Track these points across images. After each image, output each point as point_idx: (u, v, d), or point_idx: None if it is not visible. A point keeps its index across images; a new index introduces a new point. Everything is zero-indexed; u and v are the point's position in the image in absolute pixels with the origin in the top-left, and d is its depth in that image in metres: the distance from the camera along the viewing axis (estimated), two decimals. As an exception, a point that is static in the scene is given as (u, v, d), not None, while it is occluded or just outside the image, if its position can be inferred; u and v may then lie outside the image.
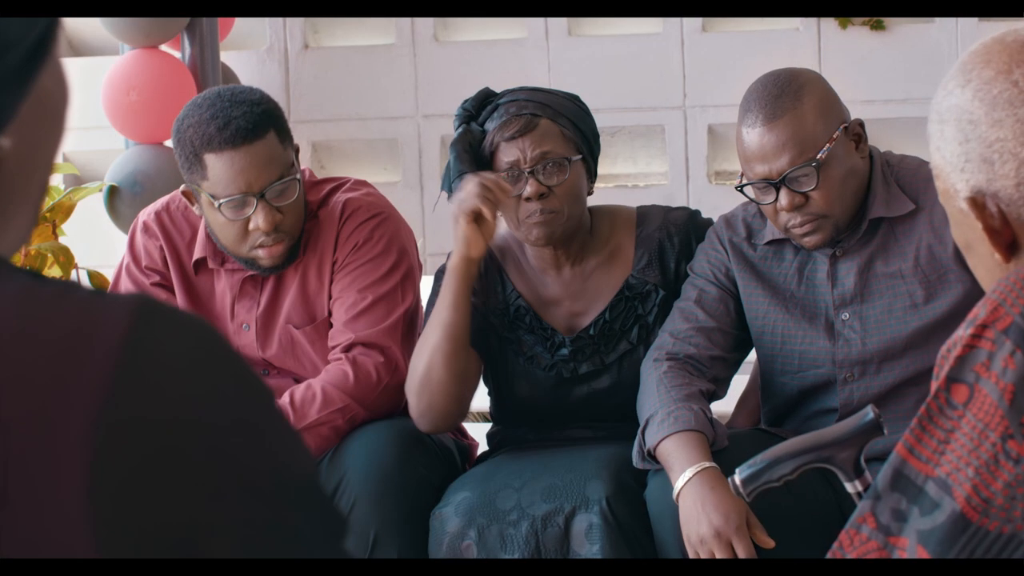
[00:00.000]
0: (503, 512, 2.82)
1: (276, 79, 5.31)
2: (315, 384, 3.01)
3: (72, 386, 0.95)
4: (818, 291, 2.90)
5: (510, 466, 2.95)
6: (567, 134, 2.97)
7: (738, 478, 2.37)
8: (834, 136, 2.79)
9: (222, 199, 2.96)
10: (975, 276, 1.57)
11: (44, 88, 1.04)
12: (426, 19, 5.23)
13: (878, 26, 5.02)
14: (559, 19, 5.17)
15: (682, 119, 5.16)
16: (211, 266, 3.14)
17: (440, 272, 3.09)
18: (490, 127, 2.97)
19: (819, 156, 2.76)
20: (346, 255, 3.08)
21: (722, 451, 2.75)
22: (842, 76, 4.49)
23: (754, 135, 2.78)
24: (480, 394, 3.11)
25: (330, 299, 3.10)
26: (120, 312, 0.97)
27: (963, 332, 1.43)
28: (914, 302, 2.84)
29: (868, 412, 2.28)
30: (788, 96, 2.77)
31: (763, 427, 3.03)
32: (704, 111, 5.14)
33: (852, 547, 1.45)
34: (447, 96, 5.08)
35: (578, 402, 3.06)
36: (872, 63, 5.00)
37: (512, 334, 3.07)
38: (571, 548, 2.78)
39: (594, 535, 2.77)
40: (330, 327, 3.10)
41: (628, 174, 5.38)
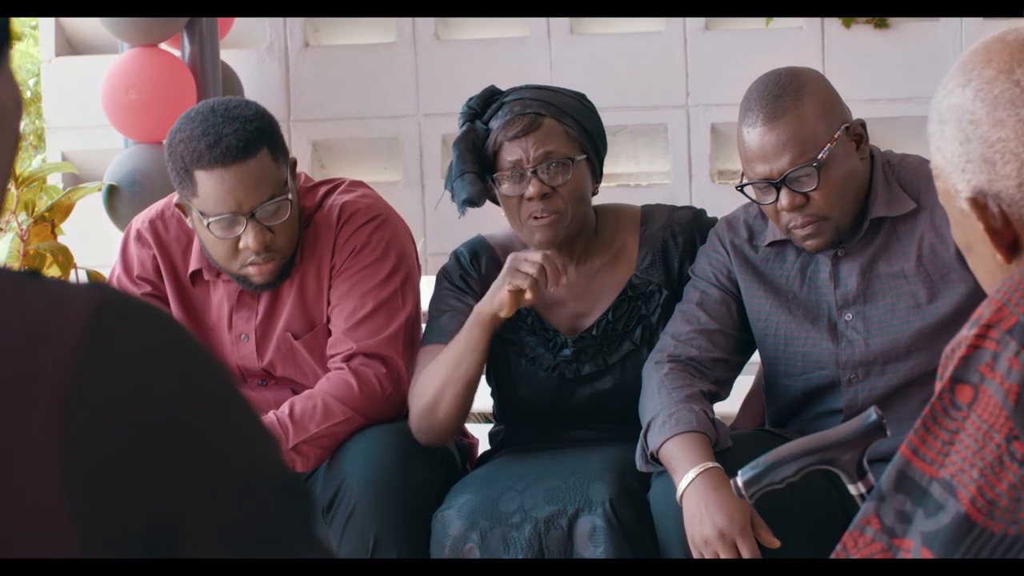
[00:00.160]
0: (506, 515, 2.81)
1: (276, 78, 5.30)
2: (316, 395, 2.98)
3: (37, 374, 0.95)
4: (820, 292, 2.90)
5: (513, 468, 2.94)
6: (571, 134, 2.95)
7: (740, 480, 2.37)
8: (835, 136, 2.78)
9: (211, 217, 2.91)
10: (976, 277, 1.56)
11: None
12: (427, 17, 5.22)
13: (882, 24, 5.01)
14: (561, 17, 5.15)
15: (685, 118, 5.15)
16: (207, 277, 3.10)
17: (440, 276, 3.08)
18: (494, 125, 2.96)
19: (820, 156, 2.76)
20: (344, 260, 3.04)
21: (726, 452, 2.74)
22: (846, 75, 4.47)
23: (755, 135, 2.77)
24: (482, 394, 3.10)
25: (328, 305, 3.06)
26: (83, 301, 0.98)
27: (967, 332, 1.43)
28: (917, 302, 2.84)
29: (871, 414, 2.28)
30: (789, 96, 2.76)
31: (767, 428, 3.02)
32: (707, 110, 5.13)
33: (856, 549, 1.44)
34: (448, 95, 5.08)
35: (581, 403, 3.05)
36: (876, 61, 4.99)
37: (514, 335, 3.06)
38: (575, 550, 2.78)
39: (598, 537, 2.76)
40: (329, 334, 3.06)
41: (630, 173, 5.37)
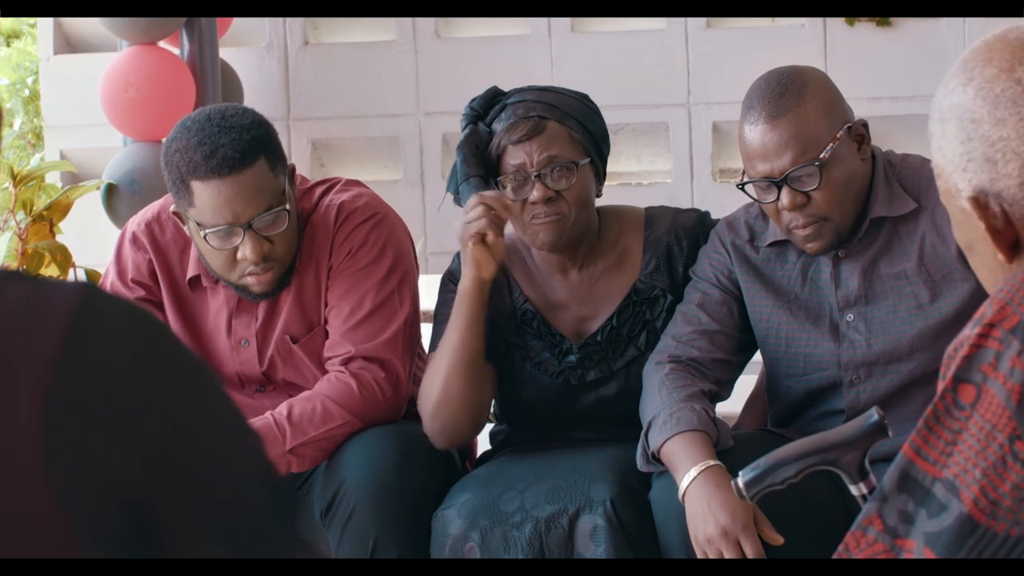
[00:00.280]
0: (506, 514, 2.81)
1: (275, 76, 5.29)
2: (315, 398, 2.96)
3: (18, 373, 0.98)
4: (822, 293, 2.89)
5: (513, 468, 2.93)
6: (575, 137, 2.94)
7: (741, 481, 2.35)
8: (837, 136, 2.78)
9: (208, 229, 2.89)
10: (977, 277, 1.56)
11: None
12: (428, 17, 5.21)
13: (884, 22, 4.99)
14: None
15: (686, 116, 5.14)
16: (205, 284, 3.08)
17: (446, 279, 3.07)
18: (497, 128, 2.95)
19: (822, 156, 2.76)
20: (341, 260, 3.02)
21: (728, 451, 2.74)
22: (848, 73, 4.46)
23: (756, 133, 2.77)
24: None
25: (326, 306, 3.04)
26: (67, 294, 1.01)
27: (970, 332, 1.43)
28: (919, 302, 2.83)
29: (872, 414, 2.27)
30: (792, 94, 2.76)
31: (769, 428, 3.01)
32: (708, 108, 5.12)
33: (858, 549, 1.44)
34: (449, 93, 5.07)
35: (585, 408, 3.05)
36: (879, 60, 4.98)
37: (519, 339, 3.06)
38: (575, 550, 2.77)
39: (599, 537, 2.75)
40: (326, 335, 3.04)
41: (631, 172, 5.35)
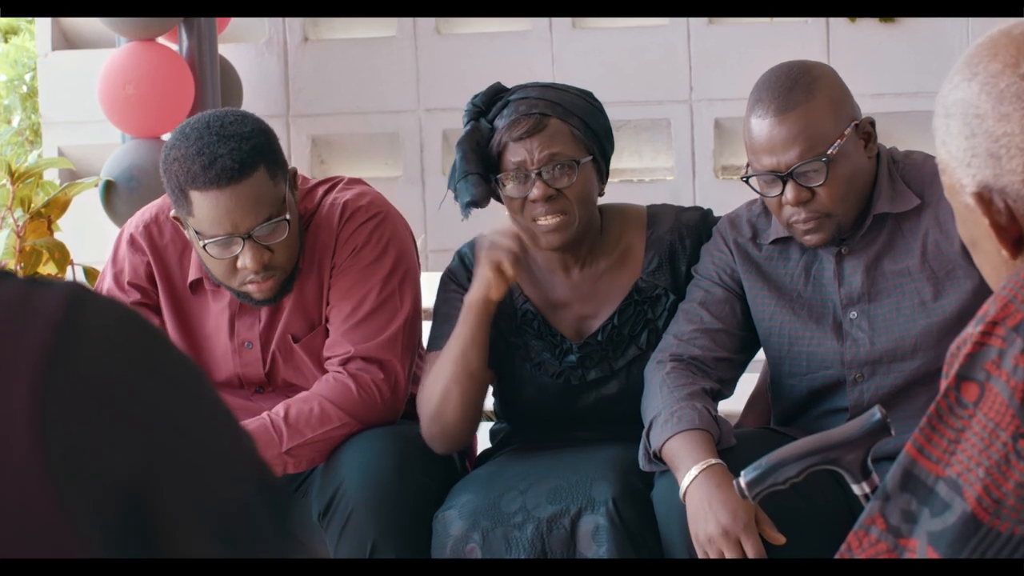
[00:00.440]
0: (508, 515, 2.79)
1: (275, 72, 5.28)
2: (312, 399, 2.94)
3: (11, 360, 0.98)
4: (825, 290, 2.89)
5: (514, 468, 2.92)
6: (577, 135, 2.92)
7: (743, 481, 2.34)
8: (845, 133, 2.77)
9: (207, 239, 2.86)
10: (981, 273, 1.55)
11: None
12: (428, 15, 5.20)
13: (887, 19, 4.98)
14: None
15: (688, 113, 5.13)
16: (208, 287, 3.05)
17: (446, 278, 3.06)
18: (499, 124, 2.93)
19: (829, 152, 2.75)
20: (344, 259, 3.00)
21: (730, 450, 2.73)
22: (851, 69, 4.42)
23: (764, 126, 2.76)
24: (484, 394, 3.07)
25: (327, 305, 3.03)
26: (57, 294, 1.01)
27: (973, 329, 1.42)
28: (922, 300, 2.83)
29: (875, 413, 2.26)
30: (801, 89, 2.75)
31: (772, 426, 3.00)
32: (711, 104, 5.12)
33: (861, 549, 1.43)
34: (449, 89, 5.06)
35: (586, 408, 3.03)
36: (882, 56, 4.97)
37: (519, 339, 3.04)
38: (577, 550, 2.76)
39: (601, 537, 2.74)
40: (326, 334, 3.03)
41: (633, 169, 5.35)
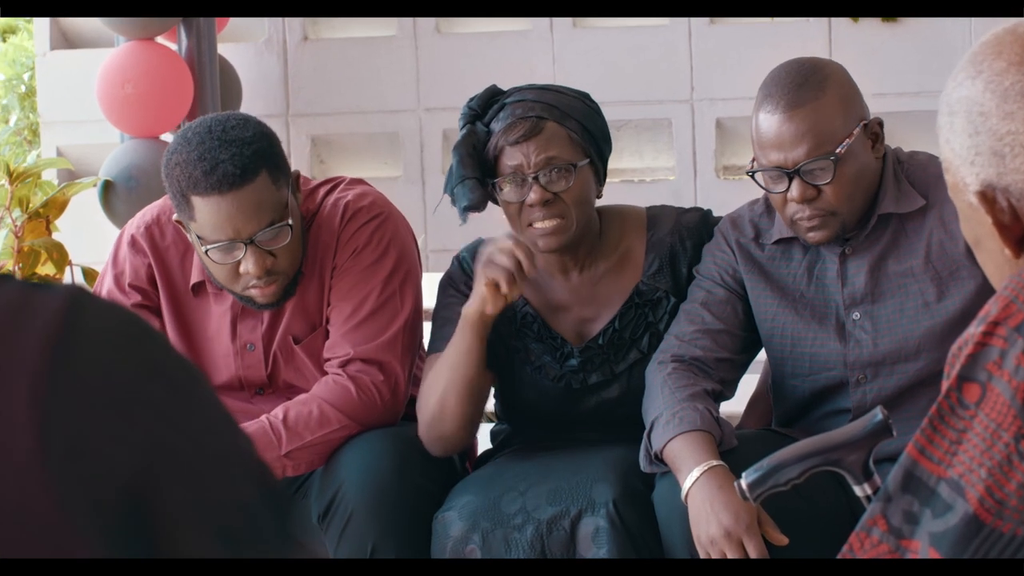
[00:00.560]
0: (508, 516, 2.79)
1: (274, 72, 5.28)
2: (311, 401, 2.93)
3: (11, 361, 0.98)
4: (828, 291, 2.88)
5: (514, 469, 2.92)
6: (574, 138, 2.91)
7: (744, 482, 2.34)
8: (853, 132, 2.77)
9: (209, 244, 2.85)
10: (984, 272, 1.55)
11: None
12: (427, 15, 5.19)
13: (889, 18, 4.97)
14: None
15: (689, 113, 5.12)
16: (210, 290, 3.04)
17: (444, 283, 3.05)
18: (496, 128, 2.91)
19: (837, 151, 2.75)
20: (345, 260, 2.99)
21: (732, 452, 2.72)
22: (853, 69, 4.40)
23: (773, 121, 2.75)
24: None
25: (328, 305, 3.01)
26: (55, 296, 1.01)
27: (974, 330, 1.41)
28: (926, 301, 2.82)
29: (877, 414, 2.25)
30: (811, 86, 2.75)
31: (774, 428, 3.00)
32: (712, 104, 5.11)
33: (863, 550, 1.43)
34: (449, 89, 5.05)
35: (587, 412, 3.02)
36: (884, 55, 4.96)
37: (519, 342, 3.03)
38: (577, 552, 2.75)
39: (601, 539, 2.73)
40: (327, 335, 3.01)
41: (634, 169, 5.34)
